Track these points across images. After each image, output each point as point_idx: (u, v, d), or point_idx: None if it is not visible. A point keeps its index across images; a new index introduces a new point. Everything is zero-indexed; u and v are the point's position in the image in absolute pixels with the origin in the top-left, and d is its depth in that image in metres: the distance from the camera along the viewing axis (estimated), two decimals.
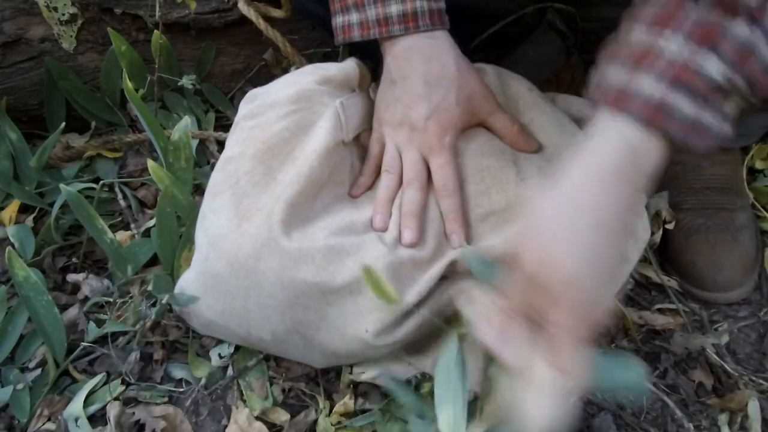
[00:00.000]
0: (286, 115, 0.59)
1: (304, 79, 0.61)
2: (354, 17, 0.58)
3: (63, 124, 0.83)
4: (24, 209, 0.83)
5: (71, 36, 0.88)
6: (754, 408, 0.64)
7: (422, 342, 0.59)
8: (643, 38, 0.40)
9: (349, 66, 0.64)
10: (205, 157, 0.90)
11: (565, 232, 0.40)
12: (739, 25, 0.37)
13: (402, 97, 0.58)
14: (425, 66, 0.57)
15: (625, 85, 0.40)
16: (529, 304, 0.41)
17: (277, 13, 0.83)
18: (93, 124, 0.92)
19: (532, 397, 0.40)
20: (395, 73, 0.58)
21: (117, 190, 0.84)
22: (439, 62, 0.58)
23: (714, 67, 0.38)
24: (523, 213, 0.43)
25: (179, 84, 0.89)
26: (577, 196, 0.40)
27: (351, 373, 0.64)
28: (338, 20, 0.60)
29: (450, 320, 0.55)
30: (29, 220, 0.81)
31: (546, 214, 0.41)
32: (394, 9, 0.56)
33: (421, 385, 0.62)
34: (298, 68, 0.69)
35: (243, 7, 0.81)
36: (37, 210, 0.83)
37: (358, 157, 0.63)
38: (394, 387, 0.55)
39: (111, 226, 0.77)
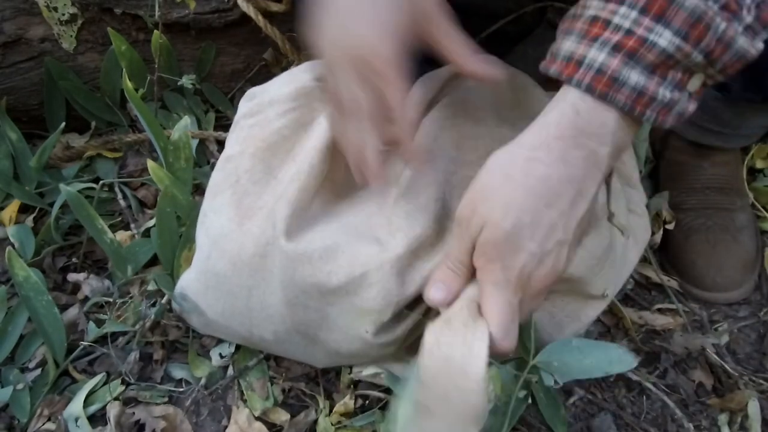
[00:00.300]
0: (286, 113, 0.59)
1: (302, 76, 0.61)
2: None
3: (63, 124, 0.83)
4: (24, 209, 0.83)
5: (71, 36, 0.88)
6: (754, 408, 0.64)
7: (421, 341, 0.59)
8: (596, 12, 0.42)
9: None
10: (205, 157, 0.90)
11: (504, 193, 0.42)
12: None
13: (331, 13, 0.46)
14: None
15: (575, 55, 0.42)
16: (473, 261, 0.45)
17: (276, 7, 0.83)
18: (93, 124, 0.92)
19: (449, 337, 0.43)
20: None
21: (117, 190, 0.84)
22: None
23: (664, 38, 0.39)
24: (478, 175, 0.45)
25: (179, 84, 0.89)
26: (521, 160, 0.43)
27: (351, 372, 0.65)
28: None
29: None
30: (29, 220, 0.81)
31: (492, 176, 0.44)
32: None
33: None
34: (297, 66, 0.69)
35: (242, 3, 0.81)
36: (36, 210, 0.83)
37: None
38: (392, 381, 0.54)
39: (111, 226, 0.77)
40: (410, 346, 0.60)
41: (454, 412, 0.43)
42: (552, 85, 0.90)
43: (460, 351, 0.43)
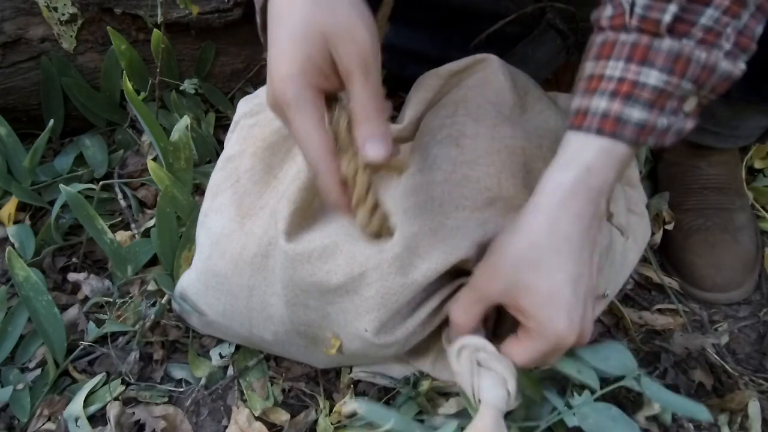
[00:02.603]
0: None
1: None
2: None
3: (51, 121, 0.82)
4: (22, 207, 0.83)
5: (71, 36, 0.88)
6: (754, 408, 0.64)
7: (421, 342, 0.59)
8: (592, 71, 0.48)
9: None
10: (206, 156, 0.90)
11: (535, 258, 0.47)
12: (665, 41, 0.44)
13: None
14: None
15: (582, 107, 0.47)
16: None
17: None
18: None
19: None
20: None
21: (117, 190, 0.84)
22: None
23: (652, 77, 0.45)
24: (500, 241, 0.49)
25: (181, 88, 0.89)
26: (545, 224, 0.47)
27: (351, 372, 0.65)
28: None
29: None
30: (27, 219, 0.81)
31: (518, 244, 0.48)
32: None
33: (419, 383, 0.62)
34: None
35: None
36: (33, 208, 0.83)
37: None
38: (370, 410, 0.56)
39: (111, 226, 0.77)
40: (412, 349, 0.60)
41: None
42: (551, 85, 0.91)
43: None
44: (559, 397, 0.55)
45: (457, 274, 0.55)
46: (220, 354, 0.68)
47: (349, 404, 0.57)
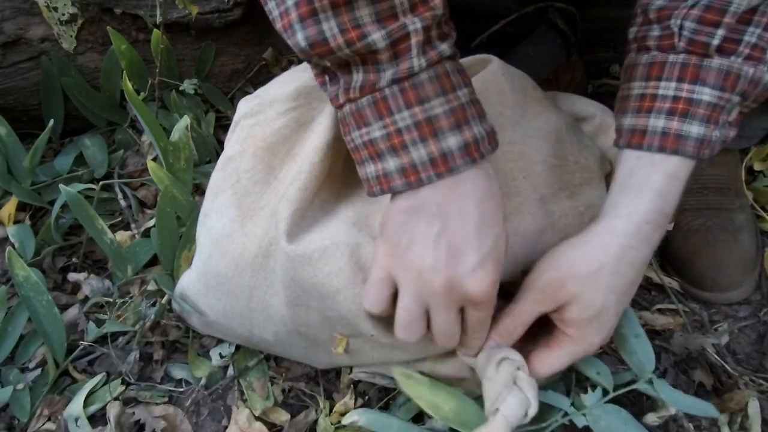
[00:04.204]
0: (286, 112, 0.59)
1: (302, 75, 0.61)
2: (391, 164, 0.44)
3: (52, 121, 0.82)
4: (21, 207, 0.83)
5: (71, 36, 0.88)
6: (754, 408, 0.64)
7: (421, 342, 0.59)
8: (642, 90, 0.50)
9: None
10: (206, 156, 0.90)
11: (597, 275, 0.49)
12: (714, 60, 0.47)
13: (442, 240, 0.45)
14: (481, 206, 0.45)
15: (639, 127, 0.50)
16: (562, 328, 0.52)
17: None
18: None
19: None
20: (434, 206, 0.45)
21: (117, 190, 0.84)
22: (495, 201, 0.46)
23: (706, 94, 0.48)
24: (564, 250, 0.52)
25: (181, 89, 0.89)
26: (615, 247, 0.49)
27: (351, 372, 0.64)
28: (368, 169, 0.46)
29: None
30: (27, 219, 0.81)
31: (583, 258, 0.50)
32: (453, 142, 0.43)
33: None
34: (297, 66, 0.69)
35: None
36: (33, 208, 0.83)
37: None
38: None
39: (111, 226, 0.77)
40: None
41: None
42: (551, 85, 0.91)
43: None
44: (565, 396, 0.55)
45: None
46: (220, 354, 0.68)
47: (349, 416, 0.58)
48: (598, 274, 0.49)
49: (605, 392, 0.55)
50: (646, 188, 0.49)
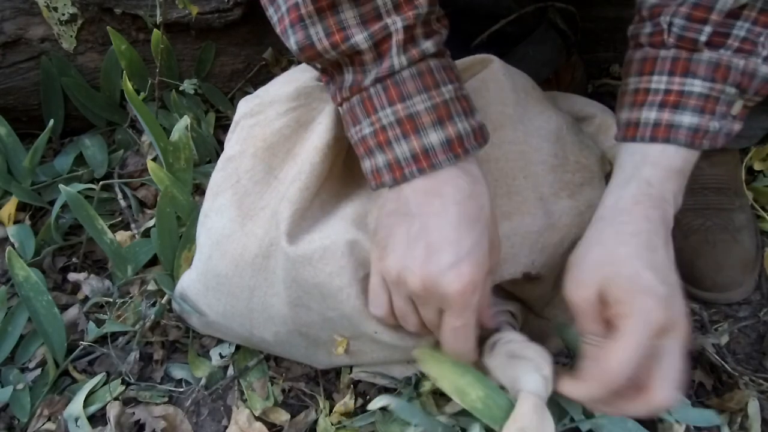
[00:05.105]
0: (286, 112, 0.59)
1: (302, 76, 0.61)
2: (380, 160, 0.46)
3: (52, 121, 0.82)
4: (21, 207, 0.83)
5: (71, 36, 0.88)
6: (754, 408, 0.64)
7: (421, 342, 0.59)
8: (636, 85, 0.52)
9: None
10: (206, 156, 0.90)
11: (620, 262, 0.48)
12: (704, 53, 0.48)
13: (420, 240, 0.45)
14: (461, 206, 0.45)
15: (632, 120, 0.51)
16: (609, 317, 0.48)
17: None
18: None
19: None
20: (415, 207, 0.45)
21: (117, 190, 0.84)
22: (478, 202, 0.46)
23: (696, 85, 0.49)
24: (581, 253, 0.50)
25: (181, 89, 0.89)
26: (611, 231, 0.49)
27: (351, 372, 0.64)
28: (366, 165, 0.47)
29: None
30: (27, 219, 0.81)
31: (595, 251, 0.49)
32: (434, 138, 0.44)
33: (420, 384, 0.62)
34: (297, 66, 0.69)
35: None
36: (33, 208, 0.83)
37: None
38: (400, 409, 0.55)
39: (111, 226, 0.77)
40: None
41: None
42: (551, 85, 0.91)
43: None
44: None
45: None
46: (220, 354, 0.68)
47: (379, 400, 0.55)
48: (605, 254, 0.48)
49: None
50: (633, 178, 0.50)
